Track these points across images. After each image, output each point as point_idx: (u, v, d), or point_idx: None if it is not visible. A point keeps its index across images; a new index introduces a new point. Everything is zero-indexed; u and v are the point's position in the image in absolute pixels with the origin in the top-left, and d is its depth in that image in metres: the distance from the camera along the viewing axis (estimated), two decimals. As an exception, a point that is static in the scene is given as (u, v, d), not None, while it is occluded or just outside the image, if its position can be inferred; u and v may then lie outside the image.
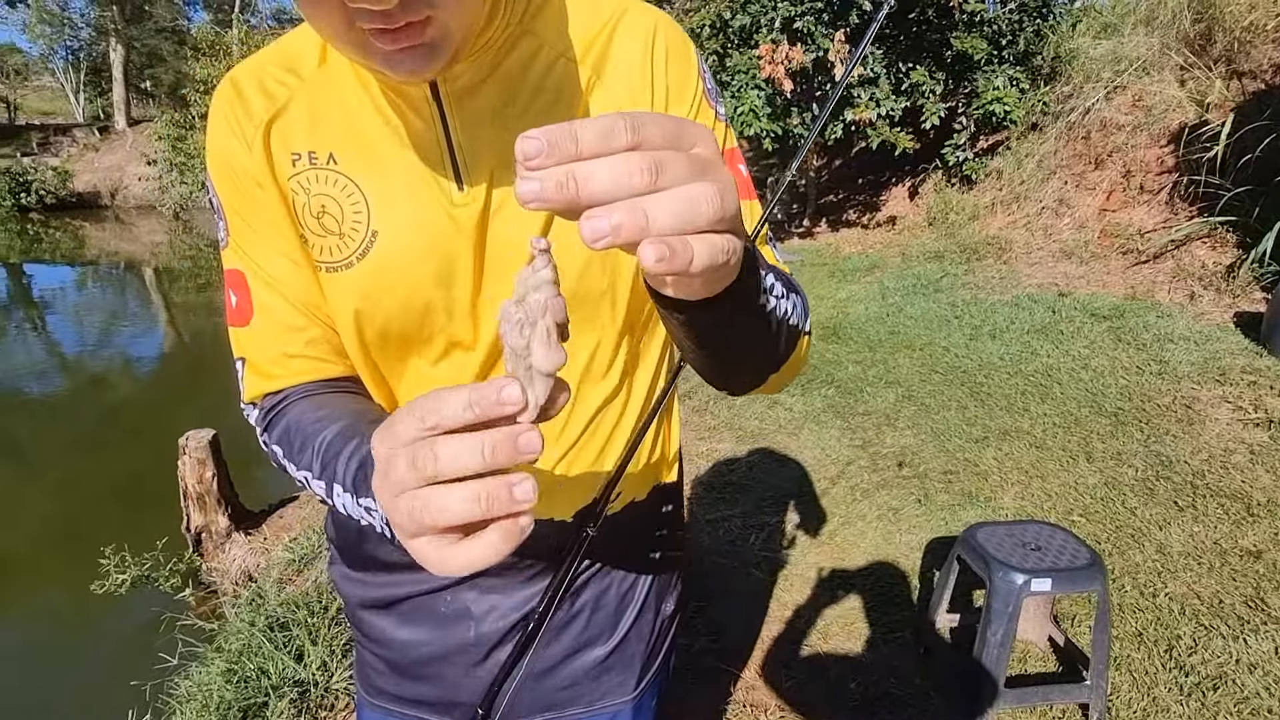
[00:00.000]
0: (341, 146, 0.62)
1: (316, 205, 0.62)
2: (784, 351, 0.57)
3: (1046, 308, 4.73)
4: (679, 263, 0.31)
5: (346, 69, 0.63)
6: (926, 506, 2.88)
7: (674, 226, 0.31)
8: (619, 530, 0.78)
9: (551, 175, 0.30)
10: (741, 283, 0.43)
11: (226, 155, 0.65)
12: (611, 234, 0.30)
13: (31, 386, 6.97)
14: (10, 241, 15.68)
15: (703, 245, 0.32)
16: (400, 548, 0.45)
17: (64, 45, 27.17)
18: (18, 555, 3.74)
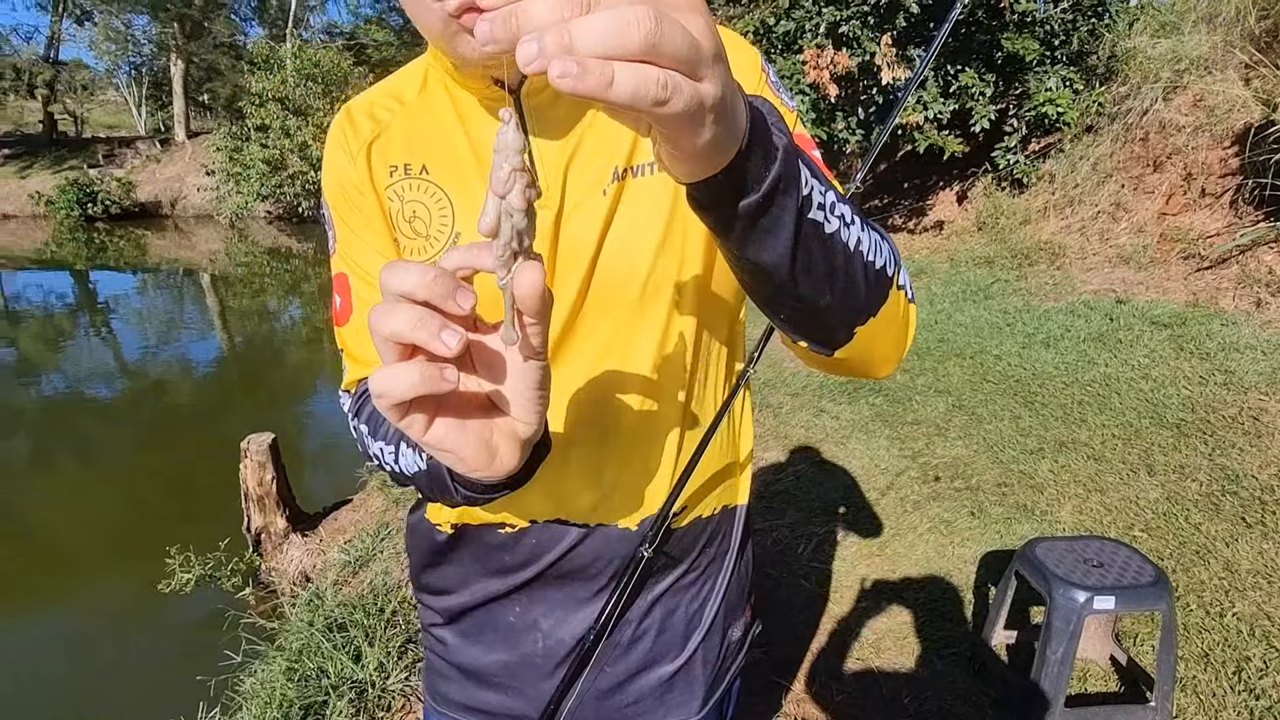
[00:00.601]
0: (433, 159, 0.69)
1: (409, 210, 0.69)
2: (867, 296, 0.53)
3: (1104, 315, 4.60)
4: (590, 83, 0.29)
5: (442, 93, 0.70)
6: (980, 519, 2.82)
7: (598, 47, 0.29)
8: (685, 547, 0.79)
9: (499, 13, 0.30)
10: (752, 166, 0.40)
11: (338, 171, 0.73)
12: (539, 55, 0.29)
13: (98, 388, 7.28)
14: (77, 249, 16.39)
15: (629, 72, 0.30)
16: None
17: (128, 61, 28.36)
18: (88, 552, 3.91)
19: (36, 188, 20.12)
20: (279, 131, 15.63)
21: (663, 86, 0.31)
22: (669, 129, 0.34)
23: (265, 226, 18.26)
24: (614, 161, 0.67)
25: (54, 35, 26.39)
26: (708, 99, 0.33)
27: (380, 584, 2.57)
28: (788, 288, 0.47)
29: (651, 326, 0.69)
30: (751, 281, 0.49)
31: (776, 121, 0.43)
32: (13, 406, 6.76)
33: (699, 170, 0.39)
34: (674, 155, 0.37)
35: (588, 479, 0.72)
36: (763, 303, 0.52)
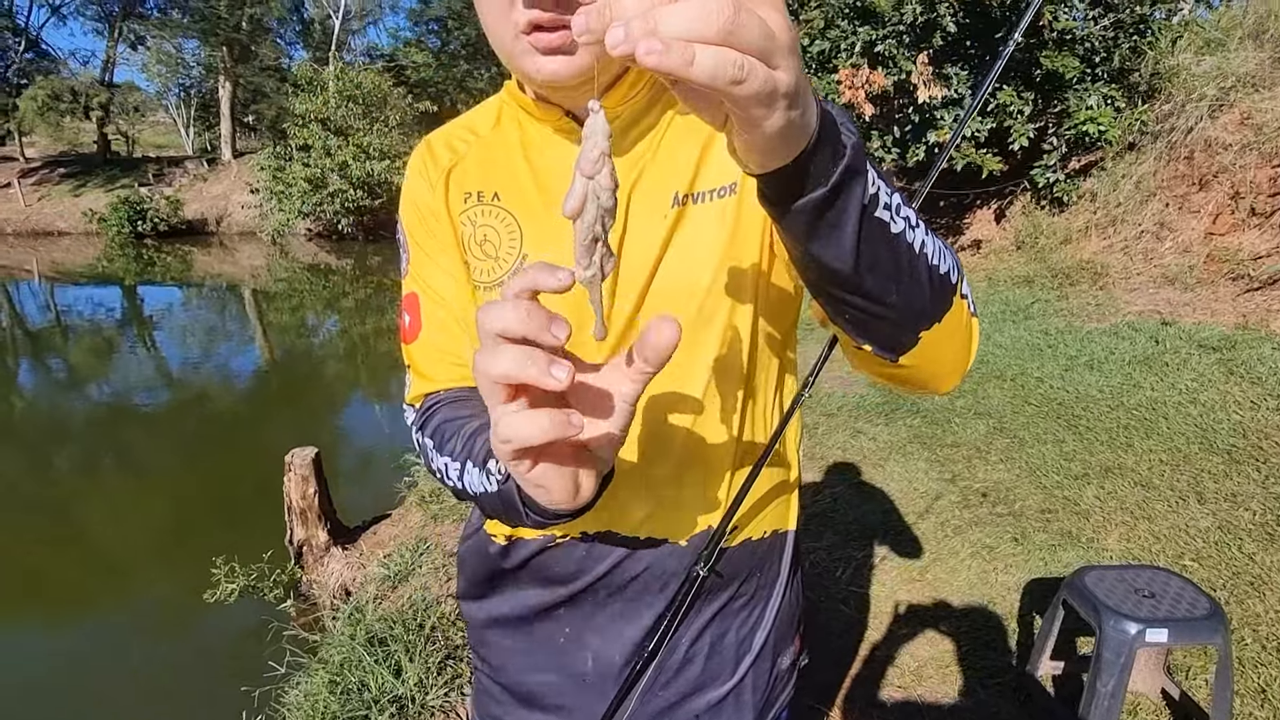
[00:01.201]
0: (504, 187, 0.73)
1: (480, 234, 0.73)
2: (932, 299, 0.53)
3: (1149, 337, 4.50)
4: (673, 60, 0.31)
5: (514, 128, 0.74)
6: (1023, 545, 2.77)
7: (681, 31, 0.32)
8: (736, 569, 0.79)
9: (594, 7, 0.33)
10: (820, 160, 0.42)
11: (416, 196, 0.78)
12: (625, 40, 0.31)
13: (143, 400, 7.50)
14: (127, 265, 16.93)
15: (708, 52, 0.32)
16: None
17: (178, 83, 29.40)
18: (135, 559, 4.02)
19: (90, 205, 20.86)
20: (320, 151, 16.05)
21: (739, 67, 0.33)
22: (743, 110, 0.36)
23: (305, 243, 18.70)
24: (675, 187, 0.70)
25: (109, 59, 27.45)
26: (781, 85, 0.35)
27: (420, 599, 2.60)
28: (852, 284, 0.48)
29: (706, 346, 0.71)
30: (817, 278, 0.50)
31: (846, 122, 0.45)
32: (64, 415, 7.00)
33: (770, 159, 0.41)
34: (747, 142, 0.39)
35: (639, 492, 0.74)
36: (827, 302, 0.53)
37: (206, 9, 23.67)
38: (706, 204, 0.70)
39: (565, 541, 0.77)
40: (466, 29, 26.69)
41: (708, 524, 0.75)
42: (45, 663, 3.11)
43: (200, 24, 24.06)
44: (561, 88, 0.65)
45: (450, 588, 2.78)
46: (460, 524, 3.05)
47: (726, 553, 0.77)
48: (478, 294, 0.74)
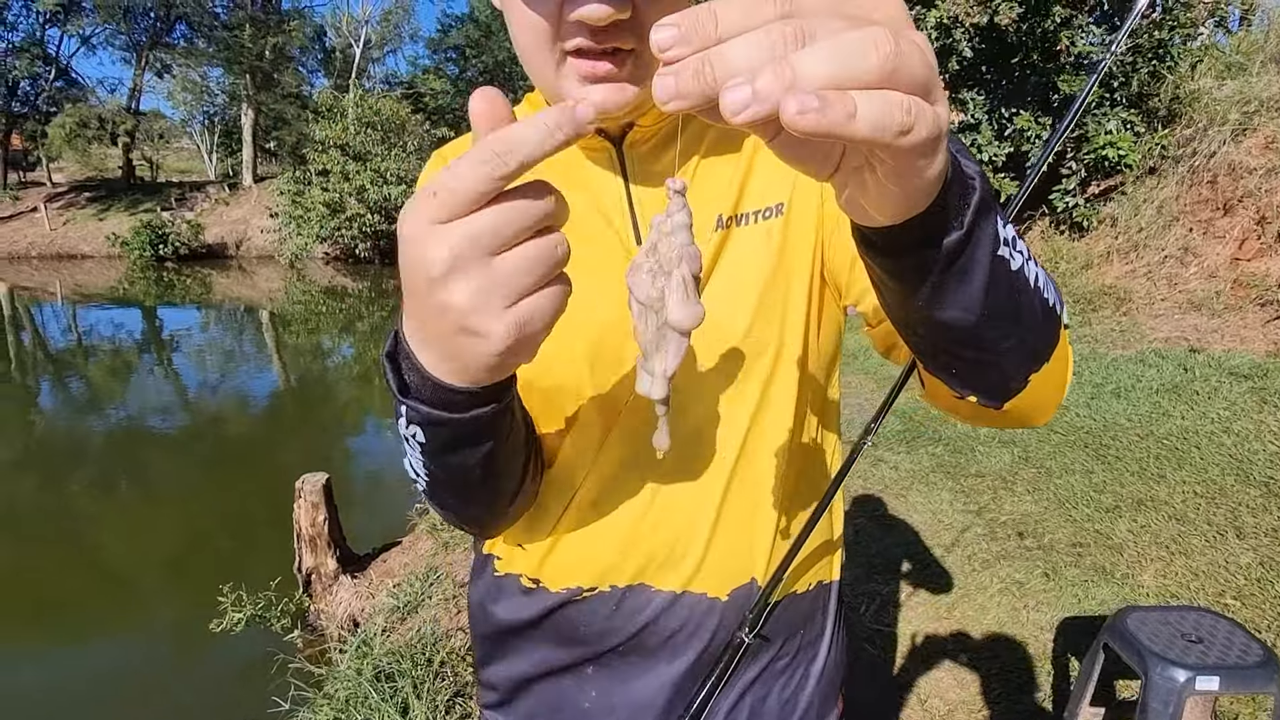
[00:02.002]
0: None
1: None
2: (1043, 338, 0.47)
3: (1176, 364, 4.39)
4: (833, 116, 0.25)
5: None
6: (1055, 581, 2.66)
7: (829, 77, 0.25)
8: (779, 628, 0.73)
9: (688, 65, 0.27)
10: (953, 198, 0.36)
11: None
12: (754, 100, 0.25)
13: (159, 422, 7.50)
14: (147, 287, 17.16)
15: (871, 102, 0.26)
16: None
17: (202, 111, 30.00)
18: (144, 583, 3.97)
19: (113, 229, 21.23)
20: (339, 176, 16.26)
21: (907, 112, 0.27)
22: (904, 162, 0.30)
23: (323, 267, 18.88)
24: (718, 209, 0.65)
25: (136, 87, 28.11)
26: (944, 123, 0.30)
27: (429, 632, 2.52)
28: (972, 335, 0.42)
29: (752, 381, 0.65)
30: (928, 334, 0.44)
31: (961, 148, 0.39)
32: (81, 436, 7.02)
33: (910, 208, 0.34)
34: (890, 195, 0.33)
35: (676, 541, 0.68)
36: (934, 354, 0.47)
37: (231, 39, 24.24)
38: (752, 226, 0.64)
39: (593, 595, 0.70)
40: (484, 57, 27.16)
41: (749, 576, 0.69)
42: (46, 687, 3.06)
43: (225, 53, 24.62)
44: (610, 119, 0.60)
45: (461, 620, 2.71)
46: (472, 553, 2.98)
47: (770, 610, 0.71)
48: None
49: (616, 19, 0.52)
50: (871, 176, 0.32)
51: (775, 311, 0.64)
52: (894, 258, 0.39)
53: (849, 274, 0.64)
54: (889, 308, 0.45)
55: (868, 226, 0.37)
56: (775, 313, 0.64)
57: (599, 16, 0.51)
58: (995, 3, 6.49)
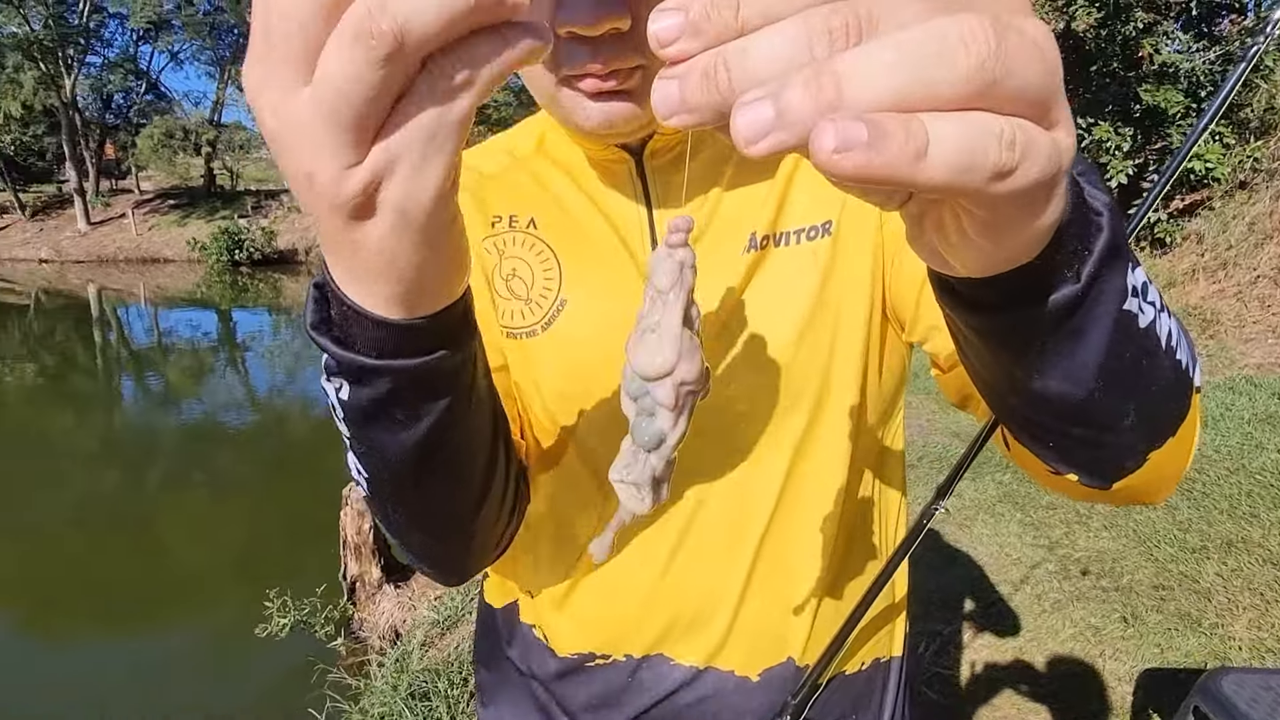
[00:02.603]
0: (543, 214, 0.60)
1: (508, 268, 0.59)
2: (1170, 409, 0.38)
3: (1270, 393, 4.06)
4: (890, 156, 0.17)
5: (558, 150, 0.61)
6: (1135, 628, 2.45)
7: (891, 92, 0.17)
8: (821, 715, 0.63)
9: (696, 67, 0.19)
10: (1069, 241, 0.27)
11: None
12: (777, 125, 0.18)
13: (227, 420, 7.78)
14: (223, 291, 17.93)
15: (953, 132, 0.18)
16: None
17: (279, 122, 31.31)
18: (196, 586, 4.06)
19: (193, 235, 22.26)
20: (403, 186, 16.70)
21: (1009, 145, 0.19)
22: (1002, 213, 0.21)
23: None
24: (752, 226, 0.56)
25: (219, 100, 29.54)
26: (1065, 156, 0.21)
27: (466, 650, 2.48)
28: (1081, 410, 0.33)
29: (790, 429, 0.56)
30: (1024, 404, 0.34)
31: (1087, 169, 0.30)
32: (156, 430, 7.37)
33: (1007, 261, 0.25)
34: (975, 248, 0.24)
35: (697, 607, 0.59)
36: (1028, 426, 0.37)
37: (307, 53, 25.25)
38: (793, 246, 0.55)
39: (606, 664, 0.62)
40: (547, 69, 27.50)
41: (785, 654, 0.60)
42: (92, 675, 3.15)
43: (301, 67, 25.64)
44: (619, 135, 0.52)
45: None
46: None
47: (814, 694, 0.62)
48: (505, 341, 0.61)
49: (614, 29, 0.43)
50: (954, 221, 0.24)
51: (820, 346, 0.55)
52: (982, 314, 0.29)
53: (915, 307, 0.54)
54: (972, 368, 0.35)
55: (947, 274, 0.28)
56: (820, 348, 0.55)
57: (591, 26, 0.43)
58: (1072, 8, 6.22)
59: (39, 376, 9.70)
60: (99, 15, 26.06)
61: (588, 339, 0.57)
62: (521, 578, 0.68)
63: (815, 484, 0.58)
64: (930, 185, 0.18)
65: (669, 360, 0.26)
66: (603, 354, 0.56)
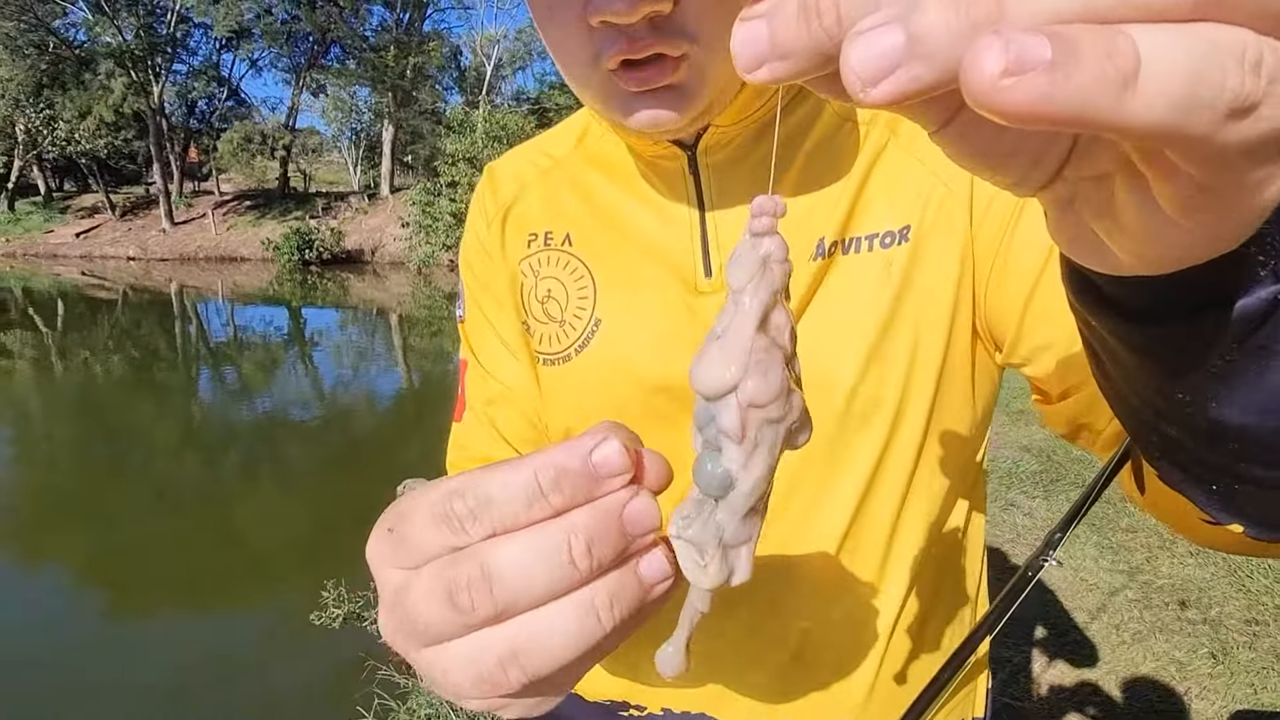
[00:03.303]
0: (579, 226, 0.55)
1: (543, 289, 0.56)
2: None
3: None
4: (1084, 82, 0.12)
5: (602, 147, 0.56)
6: (1224, 664, 2.27)
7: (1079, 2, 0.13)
8: None
9: (787, 4, 0.15)
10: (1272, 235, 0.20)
11: (475, 235, 0.62)
12: (908, 51, 0.13)
13: (297, 412, 8.04)
14: (293, 289, 18.62)
15: (1173, 41, 0.13)
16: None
17: (350, 127, 32.40)
18: (259, 569, 4.18)
19: (267, 235, 23.21)
20: (465, 187, 17.03)
21: (1253, 69, 0.13)
22: (1227, 173, 0.15)
23: (448, 274, 19.82)
24: (821, 232, 0.50)
25: (294, 105, 30.74)
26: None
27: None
28: (1263, 447, 0.26)
29: (857, 463, 0.50)
30: (1187, 438, 0.27)
31: None
32: (230, 420, 7.68)
33: (1203, 249, 0.19)
34: (1169, 229, 0.18)
35: (749, 671, 0.53)
36: (1189, 466, 0.30)
37: (377, 60, 26.02)
38: (865, 254, 0.49)
39: (641, 715, 0.57)
40: (608, 72, 27.71)
41: (853, 716, 0.53)
42: (146, 655, 3.26)
43: (371, 73, 26.45)
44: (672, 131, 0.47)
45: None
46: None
47: None
48: (540, 370, 0.57)
49: (654, 13, 0.39)
50: (1134, 196, 0.17)
51: (897, 365, 0.49)
52: (1145, 323, 0.23)
53: (1018, 326, 0.47)
54: (1114, 391, 0.29)
55: (1102, 273, 0.22)
56: (897, 366, 0.49)
57: (627, 13, 0.39)
58: None
59: (125, 367, 10.25)
60: (185, 25, 27.48)
61: (623, 361, 0.53)
62: None
63: (888, 515, 0.51)
64: (1139, 127, 0.13)
65: (732, 374, 0.21)
66: (636, 383, 0.52)
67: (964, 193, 0.48)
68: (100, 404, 8.46)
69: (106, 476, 5.72)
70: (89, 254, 25.33)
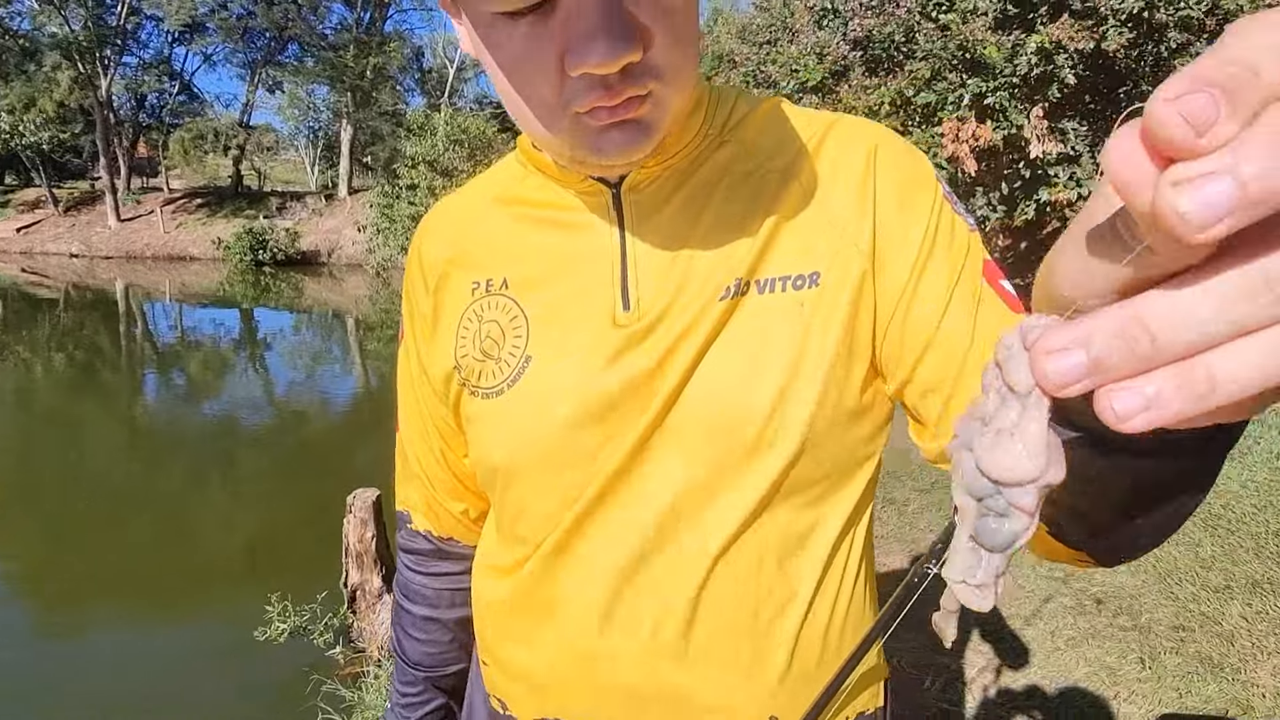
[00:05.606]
0: (513, 268, 0.59)
1: (484, 331, 0.59)
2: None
3: (1302, 427, 3.94)
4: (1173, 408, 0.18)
5: (529, 189, 0.60)
6: (1153, 670, 2.37)
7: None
8: None
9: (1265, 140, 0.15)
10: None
11: (413, 286, 0.67)
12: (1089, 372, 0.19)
13: (246, 417, 7.85)
14: (245, 290, 18.18)
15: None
16: None
17: (307, 125, 31.80)
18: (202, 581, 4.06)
19: (219, 234, 22.63)
20: (425, 190, 16.85)
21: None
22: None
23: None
24: (734, 273, 0.53)
25: (249, 102, 30.06)
26: None
27: (463, 664, 2.44)
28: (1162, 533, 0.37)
29: (757, 482, 0.53)
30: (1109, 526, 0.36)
31: None
32: (175, 425, 7.45)
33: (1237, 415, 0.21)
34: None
35: (648, 692, 0.56)
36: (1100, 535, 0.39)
37: (336, 58, 25.60)
38: (779, 294, 0.53)
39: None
40: (572, 78, 27.70)
41: (769, 714, 0.57)
42: (86, 670, 3.14)
43: (329, 71, 26.01)
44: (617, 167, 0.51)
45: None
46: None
47: None
48: (477, 404, 0.59)
49: (629, 62, 0.43)
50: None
51: (806, 395, 0.52)
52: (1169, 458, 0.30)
53: (912, 369, 0.52)
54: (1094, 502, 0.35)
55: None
56: (805, 396, 0.52)
57: (609, 64, 0.42)
58: (1103, 28, 6.13)
59: (66, 369, 9.88)
60: (136, 17, 26.65)
61: (549, 393, 0.56)
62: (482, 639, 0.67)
63: (784, 546, 0.55)
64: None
65: (1038, 467, 0.23)
66: (561, 409, 0.55)
67: (866, 247, 0.52)
68: (39, 407, 8.15)
69: (43, 484, 5.49)
70: (30, 250, 24.37)
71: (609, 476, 0.54)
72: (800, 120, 0.57)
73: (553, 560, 0.58)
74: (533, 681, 0.61)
